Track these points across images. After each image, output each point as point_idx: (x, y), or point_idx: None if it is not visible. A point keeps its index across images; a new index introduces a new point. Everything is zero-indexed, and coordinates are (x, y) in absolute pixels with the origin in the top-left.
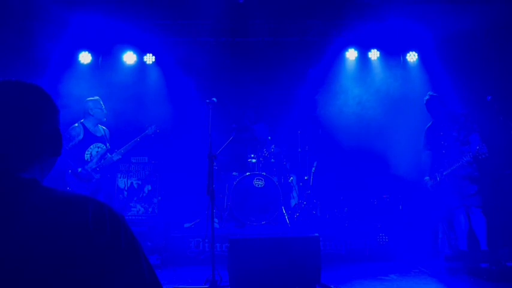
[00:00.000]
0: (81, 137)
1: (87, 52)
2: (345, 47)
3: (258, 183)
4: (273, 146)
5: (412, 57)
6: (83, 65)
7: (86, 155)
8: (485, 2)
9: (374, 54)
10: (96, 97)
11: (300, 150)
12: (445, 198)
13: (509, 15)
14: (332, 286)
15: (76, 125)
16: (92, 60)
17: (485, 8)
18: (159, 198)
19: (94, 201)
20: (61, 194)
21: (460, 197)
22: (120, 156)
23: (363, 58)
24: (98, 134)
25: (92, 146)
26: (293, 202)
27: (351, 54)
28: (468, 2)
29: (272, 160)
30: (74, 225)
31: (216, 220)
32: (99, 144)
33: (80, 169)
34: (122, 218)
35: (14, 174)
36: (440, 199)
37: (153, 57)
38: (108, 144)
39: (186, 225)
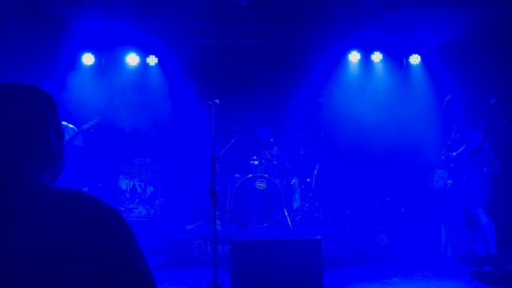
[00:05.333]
0: None
1: (90, 53)
2: (347, 50)
3: (260, 185)
4: (275, 148)
5: (415, 59)
6: (85, 66)
7: None
8: (489, 4)
9: (377, 57)
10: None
11: (302, 152)
12: (466, 199)
13: None
14: None
15: None
16: (95, 62)
17: (488, 10)
18: (161, 199)
19: (91, 197)
20: (59, 189)
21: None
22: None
23: (366, 60)
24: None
25: None
26: (295, 204)
27: (354, 56)
28: (471, 5)
29: (274, 162)
30: (73, 220)
31: (218, 222)
32: None
33: None
34: (117, 213)
35: (13, 173)
36: (459, 200)
37: (156, 59)
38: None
39: (188, 227)
